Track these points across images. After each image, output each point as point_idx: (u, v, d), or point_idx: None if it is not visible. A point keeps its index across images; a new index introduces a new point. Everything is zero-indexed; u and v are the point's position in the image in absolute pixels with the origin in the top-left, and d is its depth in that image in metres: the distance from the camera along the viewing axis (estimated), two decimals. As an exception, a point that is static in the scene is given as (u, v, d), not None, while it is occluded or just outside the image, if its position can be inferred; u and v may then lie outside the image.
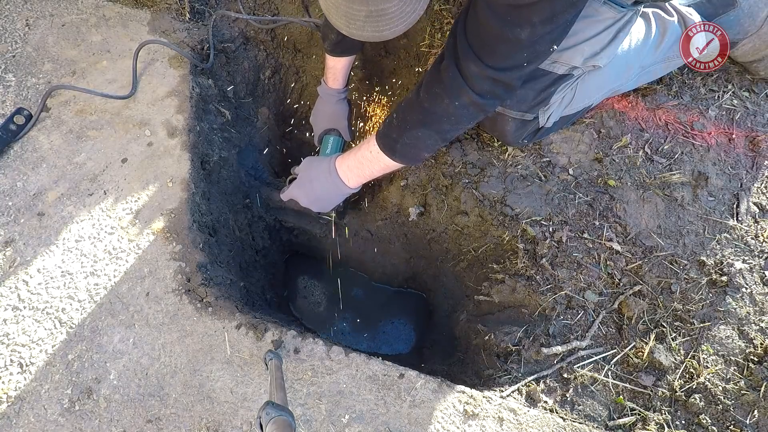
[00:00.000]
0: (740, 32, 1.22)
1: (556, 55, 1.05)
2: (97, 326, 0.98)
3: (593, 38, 1.04)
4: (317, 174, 1.23)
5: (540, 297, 1.08)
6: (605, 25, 1.04)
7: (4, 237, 1.06)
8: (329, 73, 1.37)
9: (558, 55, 1.05)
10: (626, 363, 1.01)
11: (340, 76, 1.37)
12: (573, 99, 1.15)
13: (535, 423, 0.91)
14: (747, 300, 1.06)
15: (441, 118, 0.97)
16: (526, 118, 1.13)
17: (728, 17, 1.21)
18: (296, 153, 1.85)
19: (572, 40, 1.04)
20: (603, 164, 1.21)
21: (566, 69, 1.07)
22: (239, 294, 1.13)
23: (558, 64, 1.06)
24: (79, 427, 0.89)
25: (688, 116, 1.27)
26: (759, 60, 1.27)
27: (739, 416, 0.94)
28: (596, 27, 1.04)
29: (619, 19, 1.04)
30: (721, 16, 1.22)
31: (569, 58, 1.05)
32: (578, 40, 1.04)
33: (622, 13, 1.03)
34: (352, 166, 1.17)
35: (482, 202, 1.20)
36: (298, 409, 0.91)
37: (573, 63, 1.06)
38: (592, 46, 1.05)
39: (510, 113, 1.13)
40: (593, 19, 1.03)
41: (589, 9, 1.02)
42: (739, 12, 1.20)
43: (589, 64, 1.07)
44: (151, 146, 1.18)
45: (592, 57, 1.06)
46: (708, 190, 1.18)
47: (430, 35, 1.45)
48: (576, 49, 1.04)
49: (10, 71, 1.26)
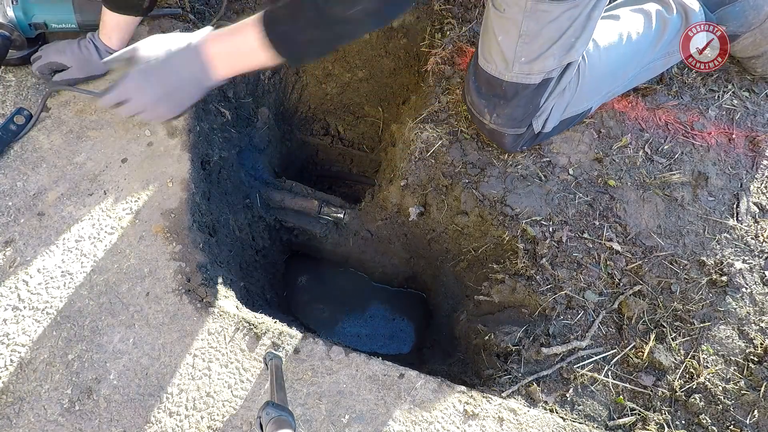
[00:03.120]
0: (744, 25, 1.21)
1: (526, 67, 1.02)
2: (97, 326, 0.98)
3: (561, 38, 0.98)
4: (172, 59, 0.89)
5: (540, 297, 1.08)
6: (568, 18, 0.96)
7: (4, 237, 1.06)
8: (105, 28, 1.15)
9: (528, 67, 1.02)
10: (626, 363, 1.01)
11: (114, 35, 1.17)
12: (570, 103, 1.14)
13: (535, 423, 0.91)
14: (747, 300, 1.06)
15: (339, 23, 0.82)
16: (520, 131, 1.14)
17: (734, 8, 1.20)
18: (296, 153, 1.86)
19: (537, 48, 0.99)
20: (603, 164, 1.21)
21: (543, 76, 1.04)
22: (239, 294, 1.13)
23: (532, 75, 1.03)
24: (79, 427, 0.89)
25: (688, 116, 1.27)
26: (758, 56, 1.26)
27: (739, 416, 0.94)
28: (558, 25, 0.96)
29: (580, 4, 0.94)
30: (727, 6, 1.21)
31: (541, 66, 1.02)
32: (544, 46, 0.99)
33: None
34: (225, 52, 0.89)
35: (482, 202, 1.20)
36: (298, 409, 0.91)
37: (547, 69, 1.02)
38: (562, 44, 0.99)
39: (505, 130, 1.14)
40: (549, 19, 0.96)
41: (538, 12, 0.95)
42: (744, 4, 1.20)
43: (565, 61, 1.03)
44: (151, 146, 1.18)
45: (566, 53, 1.01)
46: (708, 190, 1.18)
47: (430, 35, 1.45)
48: (546, 55, 1.00)
49: (10, 71, 1.26)
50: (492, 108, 1.12)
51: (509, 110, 1.09)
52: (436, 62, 1.37)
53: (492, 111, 1.12)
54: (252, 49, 0.86)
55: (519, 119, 1.11)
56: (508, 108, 1.09)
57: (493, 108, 1.11)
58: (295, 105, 1.76)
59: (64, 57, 1.19)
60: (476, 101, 1.14)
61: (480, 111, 1.15)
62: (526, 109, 1.09)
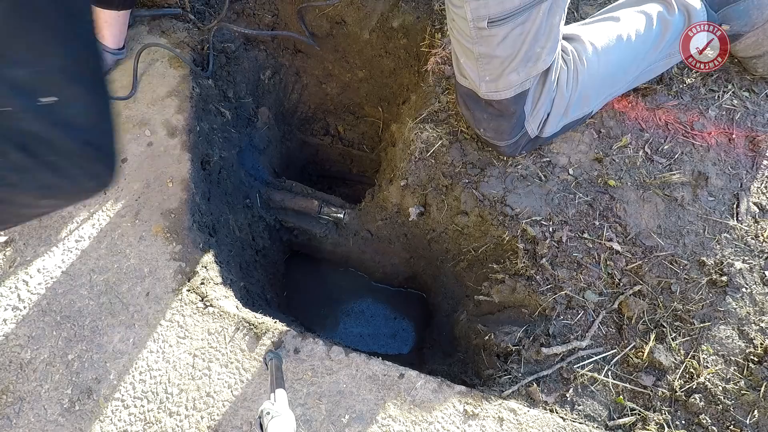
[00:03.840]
0: (747, 24, 1.20)
1: (492, 85, 1.00)
2: (97, 326, 0.98)
3: (519, 54, 0.94)
4: None
5: (540, 297, 1.08)
6: (519, 34, 0.92)
7: (4, 237, 1.06)
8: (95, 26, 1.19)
9: (494, 85, 1.00)
10: (626, 363, 1.01)
11: (105, 32, 1.20)
12: (570, 108, 1.13)
13: (535, 423, 0.91)
14: (747, 300, 1.06)
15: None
16: (511, 141, 1.15)
17: (738, 7, 1.20)
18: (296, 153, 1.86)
19: (497, 67, 0.96)
20: (603, 164, 1.21)
21: (515, 89, 1.01)
22: (239, 294, 1.13)
23: (500, 92, 1.01)
24: (79, 427, 0.89)
25: (688, 116, 1.27)
26: (759, 56, 1.26)
27: (739, 416, 0.94)
28: (509, 43, 0.92)
29: (527, 20, 0.90)
30: (731, 5, 1.20)
31: (506, 83, 0.99)
32: (503, 64, 0.96)
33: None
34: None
35: (482, 202, 1.20)
36: (298, 409, 0.91)
37: (513, 84, 0.99)
38: (522, 59, 0.95)
39: (497, 142, 1.15)
40: (497, 41, 0.92)
41: (484, 37, 0.91)
42: (749, 3, 1.19)
43: (535, 72, 0.99)
44: (151, 146, 1.18)
45: (534, 64, 0.97)
46: (708, 190, 1.18)
47: (430, 35, 1.45)
48: (508, 71, 0.97)
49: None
50: (478, 122, 1.13)
51: (494, 124, 1.10)
52: (436, 62, 1.37)
53: (479, 125, 1.13)
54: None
55: (507, 131, 1.11)
56: (492, 122, 1.10)
57: (479, 122, 1.13)
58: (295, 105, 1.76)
59: None
60: (465, 114, 1.16)
61: (470, 123, 1.17)
62: (510, 121, 1.09)
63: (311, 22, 1.51)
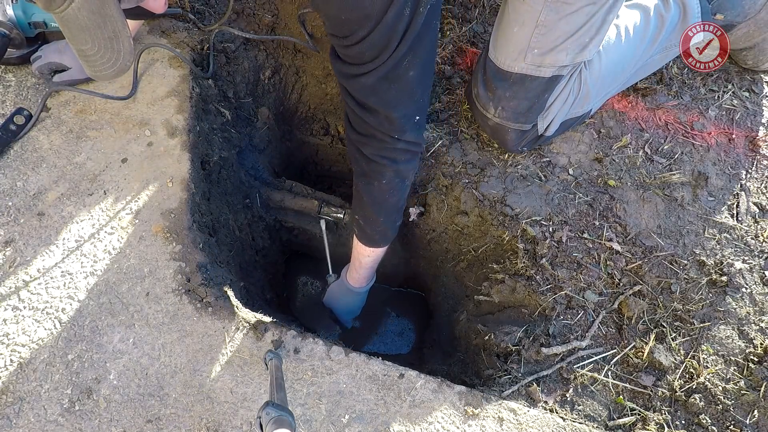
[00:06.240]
0: (740, 14, 1.20)
1: (538, 59, 1.02)
2: (97, 326, 0.98)
3: (577, 33, 0.98)
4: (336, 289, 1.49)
5: (540, 297, 1.08)
6: (586, 14, 0.96)
7: (4, 237, 1.06)
8: None
9: (540, 59, 1.02)
10: (626, 363, 1.01)
11: None
12: (573, 104, 1.14)
13: (535, 423, 0.91)
14: (747, 300, 1.06)
15: (384, 199, 1.08)
16: (524, 128, 1.14)
17: None
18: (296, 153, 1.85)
19: (552, 40, 0.99)
20: (603, 164, 1.21)
21: (553, 71, 1.03)
22: (239, 294, 1.13)
23: (543, 68, 1.03)
24: (79, 427, 0.89)
25: (688, 116, 1.27)
26: (749, 48, 1.26)
27: (739, 416, 0.94)
28: (575, 19, 0.96)
29: (598, 2, 0.94)
30: None
31: (554, 59, 1.01)
32: (559, 39, 0.99)
33: None
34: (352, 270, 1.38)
35: (482, 202, 1.20)
36: (298, 409, 0.91)
37: (559, 63, 1.02)
38: (576, 40, 0.99)
39: (509, 125, 1.13)
40: (568, 11, 0.95)
41: (558, 3, 0.94)
42: None
43: (578, 60, 1.03)
44: (151, 146, 1.18)
45: (580, 52, 1.01)
46: (708, 190, 1.18)
47: (430, 35, 1.45)
48: (560, 49, 1.00)
49: (10, 71, 1.26)
50: (497, 101, 1.11)
51: (515, 102, 1.09)
52: (437, 62, 1.37)
53: (497, 104, 1.12)
54: (365, 252, 1.27)
55: (524, 113, 1.10)
56: (514, 100, 1.09)
57: (498, 101, 1.11)
58: (295, 105, 1.76)
59: (65, 57, 1.19)
60: (482, 94, 1.14)
61: (485, 104, 1.14)
62: (532, 103, 1.09)
63: (311, 22, 1.51)
